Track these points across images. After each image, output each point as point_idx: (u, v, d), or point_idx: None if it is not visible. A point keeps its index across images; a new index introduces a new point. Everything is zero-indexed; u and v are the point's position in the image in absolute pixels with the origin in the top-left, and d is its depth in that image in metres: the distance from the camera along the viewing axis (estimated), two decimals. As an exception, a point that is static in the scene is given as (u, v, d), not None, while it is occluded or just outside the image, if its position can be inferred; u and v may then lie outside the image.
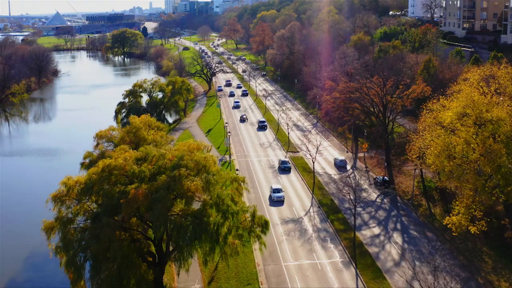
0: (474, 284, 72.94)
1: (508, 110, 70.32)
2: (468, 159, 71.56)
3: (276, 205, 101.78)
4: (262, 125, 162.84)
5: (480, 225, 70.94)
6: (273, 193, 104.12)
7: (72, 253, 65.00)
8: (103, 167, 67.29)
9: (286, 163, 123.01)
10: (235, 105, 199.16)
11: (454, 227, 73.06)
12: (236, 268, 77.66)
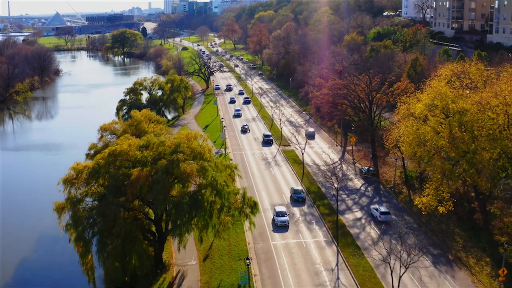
0: (445, 260, 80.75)
1: (473, 102, 78.09)
2: (437, 146, 79.52)
3: (280, 230, 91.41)
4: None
5: (448, 206, 78.93)
6: (277, 217, 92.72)
7: (81, 230, 72.75)
8: (109, 153, 75.10)
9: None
10: (236, 113, 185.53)
11: (423, 207, 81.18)
12: (228, 247, 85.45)
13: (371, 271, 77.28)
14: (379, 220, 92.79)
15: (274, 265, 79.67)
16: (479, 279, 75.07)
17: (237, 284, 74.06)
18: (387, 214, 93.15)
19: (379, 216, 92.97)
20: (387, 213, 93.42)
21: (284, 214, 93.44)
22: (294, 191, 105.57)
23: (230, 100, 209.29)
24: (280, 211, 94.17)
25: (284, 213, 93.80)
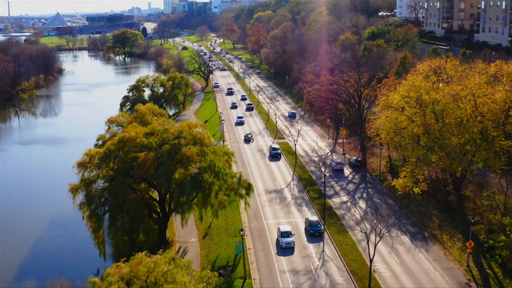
0: (421, 237, 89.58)
1: (445, 94, 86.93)
2: (412, 133, 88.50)
3: (285, 253, 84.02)
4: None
5: (422, 186, 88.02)
6: (281, 238, 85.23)
7: (93, 207, 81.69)
8: (118, 139, 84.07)
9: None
10: (239, 121, 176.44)
11: (399, 187, 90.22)
12: (226, 226, 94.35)
13: (353, 245, 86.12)
14: (335, 168, 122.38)
15: (266, 240, 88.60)
16: (451, 252, 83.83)
17: (233, 256, 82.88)
18: (341, 164, 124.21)
19: (335, 165, 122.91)
20: (341, 163, 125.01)
21: (289, 234, 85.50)
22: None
23: (232, 106, 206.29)
24: (285, 231, 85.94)
25: (290, 233, 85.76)
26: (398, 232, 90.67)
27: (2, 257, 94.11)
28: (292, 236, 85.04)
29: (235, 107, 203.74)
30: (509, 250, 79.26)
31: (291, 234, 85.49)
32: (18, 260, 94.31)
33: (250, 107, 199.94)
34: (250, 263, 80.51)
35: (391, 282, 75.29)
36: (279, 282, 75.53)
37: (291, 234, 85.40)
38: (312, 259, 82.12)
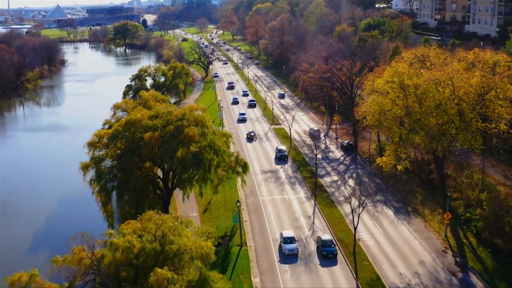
0: (404, 211, 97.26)
1: (426, 79, 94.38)
2: (395, 115, 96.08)
3: (289, 261, 79.18)
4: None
5: (404, 164, 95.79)
6: (284, 244, 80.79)
7: (103, 183, 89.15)
8: (125, 121, 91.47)
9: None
10: (241, 118, 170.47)
11: (384, 164, 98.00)
12: (224, 201, 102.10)
13: (341, 218, 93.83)
14: (311, 133, 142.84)
15: (261, 214, 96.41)
16: (431, 224, 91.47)
17: (231, 227, 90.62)
18: (318, 131, 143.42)
19: (313, 132, 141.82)
20: (318, 131, 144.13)
21: (293, 240, 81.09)
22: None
23: (233, 101, 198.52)
24: (288, 237, 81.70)
25: (293, 239, 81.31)
26: (384, 207, 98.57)
27: (19, 228, 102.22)
28: (295, 242, 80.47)
29: (236, 102, 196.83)
30: (484, 221, 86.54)
31: (294, 240, 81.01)
32: (33, 230, 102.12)
33: (253, 103, 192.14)
34: (246, 233, 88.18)
35: (374, 248, 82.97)
36: (272, 249, 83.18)
37: (294, 240, 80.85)
38: (302, 229, 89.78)
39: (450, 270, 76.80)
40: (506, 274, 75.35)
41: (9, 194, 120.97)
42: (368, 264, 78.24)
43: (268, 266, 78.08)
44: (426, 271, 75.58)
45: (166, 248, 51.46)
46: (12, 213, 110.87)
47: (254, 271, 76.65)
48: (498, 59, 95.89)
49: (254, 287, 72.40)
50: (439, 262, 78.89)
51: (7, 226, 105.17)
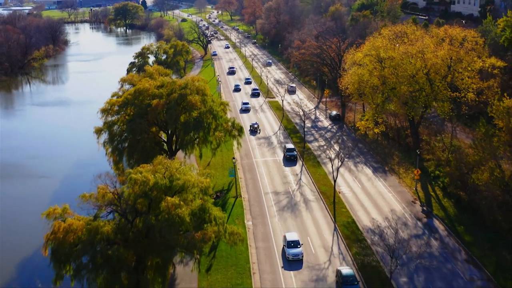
0: (382, 170, 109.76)
1: (399, 52, 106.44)
2: (372, 84, 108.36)
3: (293, 267, 74.46)
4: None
5: (381, 127, 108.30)
6: (288, 249, 75.93)
7: (115, 144, 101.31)
8: (135, 90, 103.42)
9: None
10: (244, 107, 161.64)
11: (362, 127, 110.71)
12: (222, 162, 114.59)
13: (325, 175, 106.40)
14: (289, 90, 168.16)
15: (254, 172, 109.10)
16: (404, 181, 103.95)
17: (227, 183, 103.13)
18: (293, 87, 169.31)
19: (289, 87, 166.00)
20: (294, 87, 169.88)
21: (297, 244, 76.18)
22: None
23: (235, 88, 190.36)
24: (293, 240, 76.65)
25: (298, 243, 76.34)
26: (364, 166, 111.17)
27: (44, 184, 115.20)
28: (300, 246, 75.85)
29: (238, 89, 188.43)
30: (450, 177, 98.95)
31: (299, 243, 76.26)
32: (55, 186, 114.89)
33: (256, 92, 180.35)
34: (241, 187, 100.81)
35: (352, 199, 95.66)
36: (263, 200, 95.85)
37: (299, 244, 76.17)
38: (290, 184, 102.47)
39: (416, 217, 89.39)
40: (465, 220, 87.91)
41: (27, 159, 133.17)
42: (345, 211, 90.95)
43: (259, 213, 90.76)
44: (395, 216, 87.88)
45: (174, 184, 63.85)
46: (35, 173, 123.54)
47: (247, 217, 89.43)
48: (466, 35, 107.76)
49: (246, 227, 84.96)
50: (408, 210, 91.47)
51: (31, 184, 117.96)
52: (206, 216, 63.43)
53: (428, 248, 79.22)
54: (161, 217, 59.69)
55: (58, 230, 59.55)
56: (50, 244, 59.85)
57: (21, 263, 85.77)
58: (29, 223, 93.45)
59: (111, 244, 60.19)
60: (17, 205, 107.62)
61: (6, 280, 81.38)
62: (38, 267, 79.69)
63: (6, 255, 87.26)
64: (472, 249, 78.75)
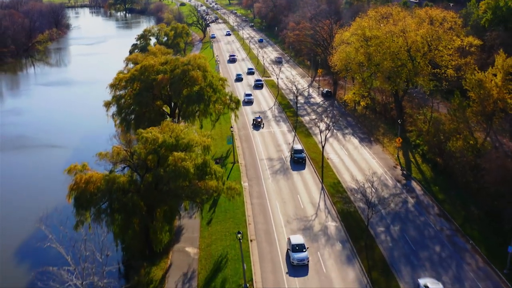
0: (367, 140, 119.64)
1: (383, 31, 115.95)
2: (358, 61, 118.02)
3: (298, 273, 69.81)
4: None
5: (366, 100, 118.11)
6: (293, 252, 70.62)
7: (123, 115, 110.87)
8: (141, 66, 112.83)
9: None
10: (247, 99, 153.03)
11: (349, 100, 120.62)
12: (221, 134, 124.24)
13: (315, 144, 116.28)
14: (276, 61, 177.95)
15: (251, 142, 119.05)
16: (387, 149, 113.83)
17: (226, 150, 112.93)
18: (280, 58, 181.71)
19: (276, 59, 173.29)
20: (280, 58, 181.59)
21: (303, 248, 71.15)
22: None
23: (237, 78, 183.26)
24: (298, 244, 71.75)
25: (303, 246, 71.34)
26: (351, 137, 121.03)
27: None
28: (306, 250, 70.89)
29: (240, 79, 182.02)
30: (428, 145, 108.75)
31: (304, 247, 71.31)
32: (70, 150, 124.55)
33: (260, 84, 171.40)
34: (238, 154, 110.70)
35: (339, 164, 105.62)
36: (259, 165, 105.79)
37: (304, 248, 71.21)
38: (283, 152, 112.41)
39: (396, 179, 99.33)
40: (440, 182, 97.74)
41: (39, 132, 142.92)
42: (332, 174, 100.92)
43: (255, 176, 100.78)
44: (377, 179, 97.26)
45: (179, 142, 73.61)
46: (48, 144, 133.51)
47: (243, 179, 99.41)
48: (445, 15, 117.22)
49: (243, 187, 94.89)
50: (389, 174, 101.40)
51: (46, 153, 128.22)
52: (207, 170, 73.29)
53: (405, 204, 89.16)
54: (168, 169, 69.57)
55: (80, 181, 69.39)
56: (73, 193, 69.71)
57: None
58: (49, 182, 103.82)
59: (126, 193, 70.03)
60: (37, 169, 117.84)
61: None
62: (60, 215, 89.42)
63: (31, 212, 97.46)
64: (444, 205, 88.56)
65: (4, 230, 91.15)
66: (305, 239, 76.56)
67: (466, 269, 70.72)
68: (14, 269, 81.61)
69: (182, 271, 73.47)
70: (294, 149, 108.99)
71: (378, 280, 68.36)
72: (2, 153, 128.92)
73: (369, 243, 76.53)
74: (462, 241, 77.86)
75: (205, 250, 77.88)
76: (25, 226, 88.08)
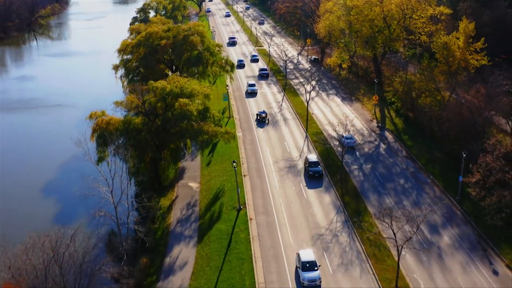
0: (348, 98, 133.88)
1: (363, 1, 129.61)
2: (339, 28, 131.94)
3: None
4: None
5: (347, 63, 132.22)
6: (303, 272, 63.24)
7: (130, 77, 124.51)
8: (146, 33, 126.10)
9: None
10: (250, 90, 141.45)
11: (332, 63, 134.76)
12: (217, 95, 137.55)
13: (302, 102, 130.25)
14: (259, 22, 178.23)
15: (244, 101, 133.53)
16: (366, 106, 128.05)
17: (222, 108, 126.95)
18: (262, 21, 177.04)
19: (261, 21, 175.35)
20: (262, 22, 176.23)
21: (314, 266, 63.54)
22: None
23: (238, 64, 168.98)
24: (308, 261, 64.14)
25: (314, 264, 63.76)
26: (334, 97, 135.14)
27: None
28: (317, 269, 63.28)
29: (242, 65, 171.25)
30: (401, 101, 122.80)
31: (316, 265, 63.71)
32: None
33: (265, 73, 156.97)
34: (233, 111, 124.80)
35: (322, 118, 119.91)
36: (251, 119, 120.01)
37: (316, 266, 63.61)
38: (273, 109, 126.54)
39: (372, 130, 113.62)
40: (410, 132, 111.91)
41: (50, 95, 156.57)
42: (315, 125, 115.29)
43: (247, 128, 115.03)
44: (355, 129, 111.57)
45: (184, 91, 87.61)
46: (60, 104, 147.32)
47: (238, 129, 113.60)
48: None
49: (238, 137, 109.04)
50: (366, 126, 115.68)
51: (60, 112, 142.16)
52: (207, 114, 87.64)
53: (377, 149, 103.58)
54: (175, 112, 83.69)
55: (101, 123, 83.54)
56: (96, 133, 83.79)
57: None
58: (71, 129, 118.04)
59: (140, 132, 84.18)
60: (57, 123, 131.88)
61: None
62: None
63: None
64: (411, 149, 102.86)
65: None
66: (290, 175, 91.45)
67: (424, 197, 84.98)
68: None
69: (186, 201, 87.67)
70: (308, 161, 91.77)
71: (349, 202, 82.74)
72: (20, 113, 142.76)
73: (344, 177, 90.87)
74: (424, 177, 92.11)
75: (205, 185, 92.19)
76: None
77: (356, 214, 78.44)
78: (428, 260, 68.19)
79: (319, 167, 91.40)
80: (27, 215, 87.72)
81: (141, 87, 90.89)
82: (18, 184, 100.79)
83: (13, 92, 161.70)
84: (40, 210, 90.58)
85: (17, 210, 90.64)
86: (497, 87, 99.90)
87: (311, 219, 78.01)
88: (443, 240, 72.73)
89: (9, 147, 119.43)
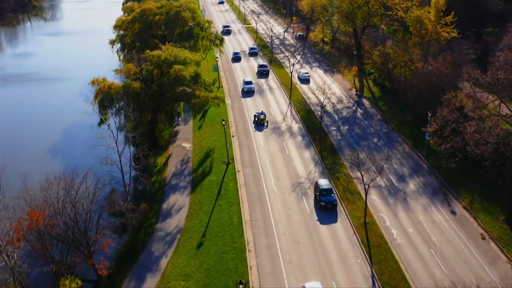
0: (330, 70, 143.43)
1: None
2: (321, 4, 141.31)
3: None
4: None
5: (329, 37, 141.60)
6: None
7: (127, 50, 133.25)
8: (140, 10, 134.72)
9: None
10: (247, 88, 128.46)
11: (314, 37, 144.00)
12: (207, 68, 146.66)
13: (287, 74, 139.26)
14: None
15: (232, 72, 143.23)
16: (346, 77, 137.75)
17: (212, 79, 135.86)
18: None
19: None
20: None
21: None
22: None
23: (234, 56, 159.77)
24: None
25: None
26: (317, 69, 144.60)
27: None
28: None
29: (238, 58, 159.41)
30: (379, 72, 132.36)
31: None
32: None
33: (265, 70, 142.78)
34: (222, 81, 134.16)
35: (304, 88, 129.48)
36: (239, 88, 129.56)
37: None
38: (262, 86, 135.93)
39: (351, 97, 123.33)
40: (386, 99, 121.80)
41: (51, 70, 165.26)
42: (298, 93, 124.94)
43: (235, 96, 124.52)
44: (335, 96, 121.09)
45: (178, 59, 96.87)
46: (61, 78, 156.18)
47: (227, 97, 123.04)
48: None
49: (227, 104, 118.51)
50: (345, 94, 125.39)
51: (62, 85, 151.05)
52: (199, 79, 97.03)
53: (354, 113, 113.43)
54: (170, 77, 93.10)
55: (104, 87, 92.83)
56: (98, 96, 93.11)
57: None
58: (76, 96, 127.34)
59: (139, 96, 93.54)
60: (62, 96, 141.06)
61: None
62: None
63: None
64: (386, 114, 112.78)
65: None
66: (274, 135, 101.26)
67: (395, 153, 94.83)
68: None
69: (180, 158, 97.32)
70: (320, 188, 77.41)
71: (327, 157, 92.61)
72: (23, 85, 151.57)
73: (323, 136, 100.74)
74: (395, 136, 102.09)
75: (197, 145, 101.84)
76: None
77: (333, 165, 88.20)
78: (394, 203, 78.30)
79: (333, 195, 76.73)
80: (44, 161, 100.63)
81: (138, 56, 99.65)
82: (35, 139, 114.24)
83: (12, 68, 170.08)
84: (55, 157, 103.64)
85: (35, 158, 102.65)
86: (463, 56, 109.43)
87: (292, 171, 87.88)
88: (409, 187, 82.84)
89: (21, 112, 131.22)
